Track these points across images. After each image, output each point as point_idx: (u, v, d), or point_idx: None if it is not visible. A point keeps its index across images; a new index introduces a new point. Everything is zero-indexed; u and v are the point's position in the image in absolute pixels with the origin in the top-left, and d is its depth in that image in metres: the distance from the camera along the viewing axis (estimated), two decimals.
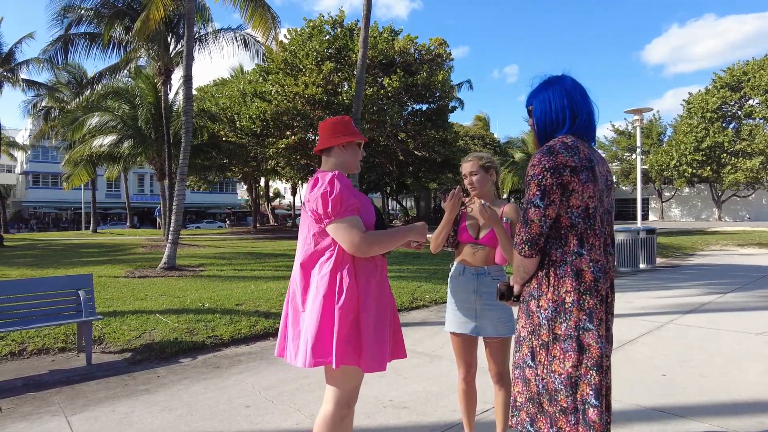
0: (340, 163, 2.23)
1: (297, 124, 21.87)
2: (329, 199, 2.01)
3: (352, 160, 2.26)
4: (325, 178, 2.08)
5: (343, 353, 1.99)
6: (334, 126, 2.24)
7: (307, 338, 2.02)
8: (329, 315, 2.00)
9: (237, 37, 17.10)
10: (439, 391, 3.71)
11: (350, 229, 2.01)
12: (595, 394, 1.72)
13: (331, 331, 1.99)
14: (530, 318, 1.85)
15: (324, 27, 21.40)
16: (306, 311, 2.09)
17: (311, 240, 2.11)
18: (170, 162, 18.35)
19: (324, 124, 2.25)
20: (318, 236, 2.10)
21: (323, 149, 2.25)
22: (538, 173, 1.77)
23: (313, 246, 2.11)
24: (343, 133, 2.22)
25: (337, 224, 2.02)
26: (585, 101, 1.92)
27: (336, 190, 2.02)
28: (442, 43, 24.08)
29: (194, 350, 4.89)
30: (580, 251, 1.78)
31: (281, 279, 8.81)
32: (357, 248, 2.00)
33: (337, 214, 2.01)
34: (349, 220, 2.02)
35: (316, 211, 2.05)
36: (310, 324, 2.02)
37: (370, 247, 2.02)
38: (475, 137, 44.72)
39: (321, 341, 1.99)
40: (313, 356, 1.98)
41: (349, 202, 2.04)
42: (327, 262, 2.06)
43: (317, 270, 2.08)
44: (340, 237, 2.02)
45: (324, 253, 2.09)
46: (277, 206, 60.91)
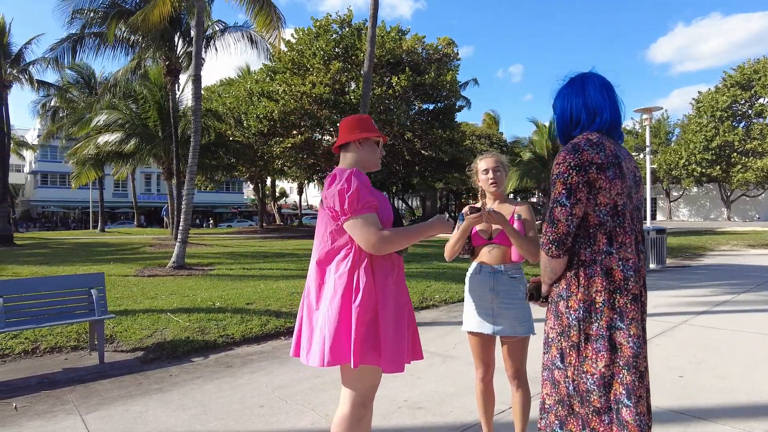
0: (357, 160, 2.21)
1: (304, 124, 21.88)
2: (346, 195, 1.99)
3: (370, 157, 2.24)
4: (342, 174, 2.06)
5: (362, 353, 1.97)
6: (352, 123, 2.23)
7: (324, 337, 1.99)
8: (348, 314, 1.98)
9: (244, 35, 17.13)
10: (453, 392, 3.68)
11: (367, 227, 1.99)
12: (628, 394, 1.68)
13: (350, 330, 1.96)
14: (559, 319, 1.82)
15: (331, 26, 21.39)
16: (321, 310, 2.07)
17: (328, 238, 2.09)
18: (178, 161, 18.41)
19: (343, 122, 2.24)
20: (335, 234, 2.08)
21: (341, 146, 2.24)
22: (563, 171, 1.74)
23: (329, 244, 2.08)
24: (360, 130, 2.21)
25: (354, 221, 1.99)
26: (608, 98, 1.88)
27: (353, 186, 2.00)
28: (450, 42, 23.98)
29: (206, 349, 4.88)
30: (609, 250, 1.74)
31: (290, 278, 8.80)
32: (374, 246, 1.98)
33: (354, 211, 1.99)
34: (366, 217, 2.00)
35: (333, 208, 2.03)
36: (328, 323, 1.99)
37: (387, 244, 1.99)
38: (481, 136, 44.58)
39: (339, 341, 1.96)
40: (331, 355, 1.96)
41: (366, 199, 2.02)
42: (344, 261, 2.04)
43: (334, 268, 2.06)
44: (357, 234, 2.00)
45: (340, 251, 2.07)
46: (283, 206, 61.02)
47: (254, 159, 26.20)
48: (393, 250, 2.04)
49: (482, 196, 2.73)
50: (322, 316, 2.05)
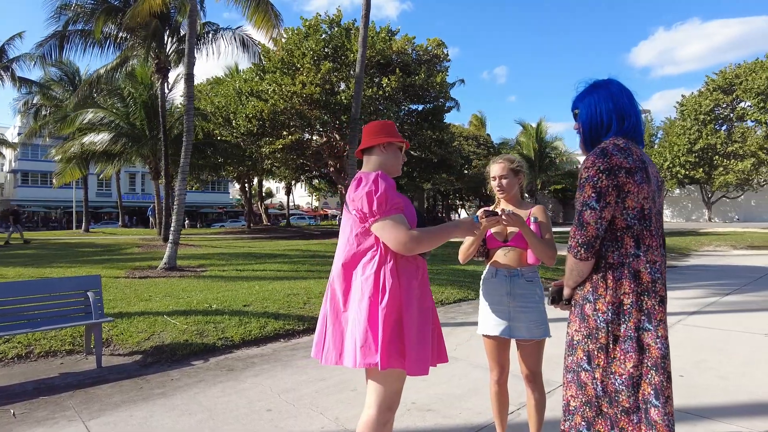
0: (381, 163, 2.23)
1: (294, 124, 21.74)
2: (374, 197, 2.00)
3: (393, 162, 2.26)
4: (369, 177, 2.07)
5: (388, 355, 1.97)
6: (377, 127, 2.26)
7: (355, 339, 2.00)
8: (375, 316, 1.99)
9: (236, 38, 16.97)
10: (461, 393, 3.69)
11: (397, 227, 2.00)
12: (656, 394, 1.70)
13: (377, 332, 1.97)
14: (585, 321, 1.83)
15: (321, 26, 21.31)
16: (349, 311, 2.08)
17: (354, 240, 2.10)
18: (167, 161, 18.17)
19: (368, 126, 2.28)
20: (360, 237, 2.09)
21: (364, 150, 2.26)
22: (593, 175, 1.75)
23: (355, 246, 2.09)
24: (386, 134, 2.24)
25: (383, 222, 2.01)
26: (632, 104, 1.91)
27: (381, 188, 2.02)
28: (440, 44, 24.01)
29: (205, 352, 4.82)
30: (636, 253, 1.76)
31: (285, 280, 8.74)
32: (404, 246, 1.99)
33: (383, 212, 2.00)
34: (394, 218, 2.02)
35: (361, 210, 2.04)
36: (357, 325, 2.01)
37: (417, 244, 2.00)
38: (469, 137, 44.81)
39: (368, 343, 1.97)
40: (362, 357, 1.97)
41: (394, 200, 2.03)
42: (370, 263, 2.05)
43: (360, 271, 2.07)
44: (387, 235, 2.01)
45: (366, 253, 2.08)
46: (270, 206, 60.64)
47: (242, 159, 26.00)
48: (423, 250, 2.05)
49: (498, 199, 2.73)
50: (351, 318, 2.06)
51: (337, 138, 22.52)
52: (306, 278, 8.86)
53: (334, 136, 22.60)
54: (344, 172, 22.77)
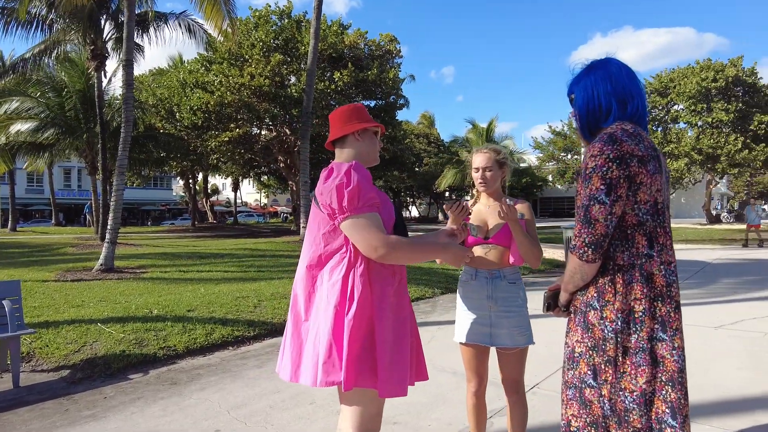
0: (357, 154, 1.93)
1: (241, 117, 20.97)
2: (345, 191, 1.71)
3: (370, 150, 1.97)
4: (340, 168, 1.78)
5: (356, 373, 1.69)
6: (348, 113, 1.96)
7: (318, 353, 1.72)
8: (341, 328, 1.70)
9: (181, 23, 16.02)
10: (428, 402, 3.44)
11: (369, 228, 1.72)
12: (672, 413, 1.49)
13: (342, 347, 1.69)
14: (590, 331, 1.59)
15: (271, 17, 20.62)
16: (310, 321, 1.80)
17: (320, 240, 1.81)
18: (104, 154, 17.00)
19: (334, 114, 1.98)
20: (328, 236, 1.79)
21: (336, 140, 1.96)
22: (601, 164, 1.51)
23: (322, 247, 1.80)
24: (358, 119, 1.94)
25: (354, 221, 1.72)
26: (634, 84, 1.69)
27: (353, 181, 1.72)
28: (392, 39, 23.84)
29: (145, 364, 4.34)
30: (649, 253, 1.54)
31: (233, 281, 8.24)
32: (375, 251, 1.71)
33: (355, 209, 1.72)
34: (368, 216, 1.73)
35: (330, 205, 1.74)
36: (321, 338, 1.72)
37: (391, 252, 1.72)
38: (420, 135, 45.03)
39: (332, 358, 1.69)
40: (324, 374, 1.68)
41: (369, 196, 1.74)
42: (338, 267, 1.77)
43: (327, 276, 1.78)
44: (357, 236, 1.72)
45: (334, 255, 1.79)
46: (216, 203, 58.70)
47: (187, 153, 24.85)
48: (397, 261, 1.79)
49: (478, 193, 2.48)
50: (313, 329, 1.77)
51: (288, 132, 21.91)
52: (256, 279, 8.39)
53: (285, 130, 21.98)
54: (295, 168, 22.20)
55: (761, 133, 31.96)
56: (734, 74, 32.97)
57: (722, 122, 32.78)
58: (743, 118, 32.70)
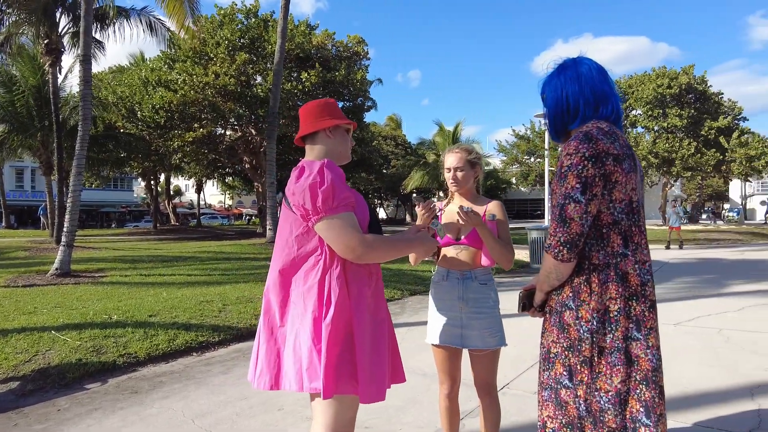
0: (329, 151, 1.87)
1: (206, 116, 20.50)
2: (319, 190, 1.65)
3: (342, 148, 1.92)
4: (312, 166, 1.72)
5: (336, 380, 1.64)
6: (319, 108, 1.89)
7: (301, 358, 1.67)
8: (320, 333, 1.65)
9: (142, 20, 15.51)
10: (400, 405, 3.40)
11: (345, 228, 1.66)
12: (647, 412, 1.49)
13: (322, 353, 1.64)
14: (566, 332, 1.58)
15: (237, 16, 20.25)
16: (287, 327, 1.74)
17: (293, 243, 1.74)
18: (60, 154, 16.29)
19: (305, 109, 1.91)
20: (302, 238, 1.73)
21: (306, 136, 1.89)
22: (576, 163, 1.51)
23: (295, 250, 1.73)
24: (330, 115, 1.88)
25: (329, 222, 1.66)
26: (607, 85, 1.69)
27: (327, 180, 1.67)
28: (360, 41, 23.77)
29: (103, 372, 4.14)
30: (624, 252, 1.54)
31: (197, 285, 8.01)
32: (353, 252, 1.66)
33: (329, 209, 1.66)
34: (343, 216, 1.67)
35: (303, 205, 1.68)
36: (301, 344, 1.67)
37: (368, 251, 1.68)
38: (387, 137, 45.13)
39: (314, 364, 1.64)
40: (309, 380, 1.63)
41: (343, 195, 1.69)
42: (313, 271, 1.71)
43: (301, 280, 1.72)
44: (332, 237, 1.66)
45: (308, 258, 1.72)
46: (179, 204, 57.25)
47: (148, 153, 24.13)
48: (376, 260, 1.75)
49: (452, 193, 2.46)
50: (291, 334, 1.71)
51: (253, 133, 21.56)
52: (220, 283, 8.18)
53: (250, 130, 21.62)
54: (261, 169, 21.87)
55: (711, 139, 33.44)
56: (687, 82, 34.41)
57: (676, 127, 34.13)
58: (695, 124, 34.14)
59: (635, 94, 40.60)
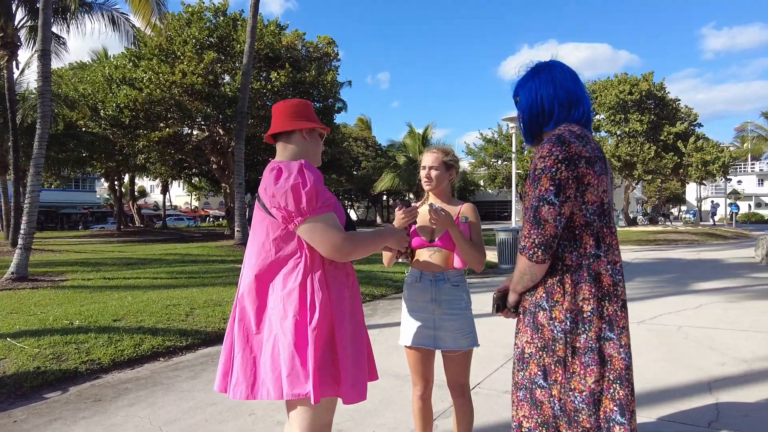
0: (303, 153, 1.84)
1: (172, 116, 20.04)
2: (303, 191, 1.63)
3: (315, 152, 1.91)
4: (291, 167, 1.68)
5: (321, 383, 1.62)
6: (296, 108, 1.87)
7: (280, 366, 1.63)
8: (303, 338, 1.62)
9: (104, 15, 15.03)
10: (372, 408, 3.38)
11: (330, 229, 1.67)
12: (621, 410, 1.53)
13: (307, 357, 1.61)
14: (539, 332, 1.61)
15: (205, 14, 19.89)
16: (263, 333, 1.69)
17: (271, 246, 1.70)
18: (16, 152, 15.62)
19: (282, 106, 1.89)
20: (280, 241, 1.69)
21: (279, 134, 1.86)
22: (550, 165, 1.54)
23: (273, 254, 1.70)
24: (307, 118, 1.86)
25: (314, 223, 1.65)
26: (579, 88, 1.73)
27: (309, 180, 1.65)
28: (330, 42, 23.70)
29: (64, 380, 3.98)
30: (597, 253, 1.58)
31: (163, 288, 7.80)
32: (340, 251, 1.66)
33: (314, 210, 1.65)
34: (327, 217, 1.68)
35: (285, 207, 1.64)
36: (282, 350, 1.63)
37: (352, 249, 1.69)
38: (358, 139, 45.11)
39: (297, 370, 1.61)
40: (290, 386, 1.60)
41: (326, 195, 1.69)
42: (293, 274, 1.67)
43: (280, 284, 1.68)
44: (318, 238, 1.65)
45: (287, 262, 1.69)
46: (144, 206, 55.75)
47: (112, 153, 23.42)
48: (359, 256, 1.74)
49: (427, 193, 2.47)
50: (268, 341, 1.67)
51: (221, 133, 21.20)
52: (187, 286, 7.99)
53: (218, 130, 21.25)
54: (229, 170, 21.53)
55: (669, 143, 34.71)
56: (647, 88, 35.61)
57: (637, 132, 35.26)
58: (655, 129, 35.35)
59: (599, 99, 41.76)
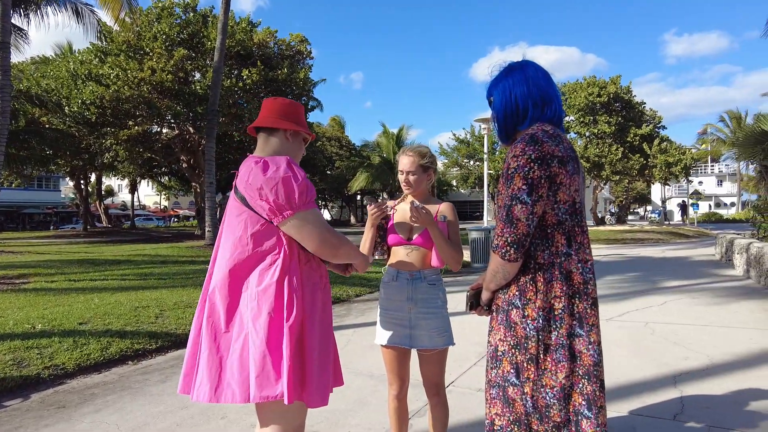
0: (283, 152, 1.80)
1: (141, 114, 19.56)
2: (295, 184, 1.61)
3: (296, 155, 1.88)
4: (278, 161, 1.66)
5: (295, 384, 1.59)
6: (288, 108, 1.86)
7: (249, 366, 1.58)
8: (278, 337, 1.58)
9: (67, 6, 14.52)
10: (347, 409, 3.37)
11: (321, 223, 1.69)
12: (588, 405, 1.56)
13: (281, 357, 1.57)
14: (512, 330, 1.62)
15: (175, 10, 19.47)
16: (232, 332, 1.64)
17: (249, 241, 1.66)
18: None
19: (272, 102, 1.87)
20: (259, 236, 1.65)
21: (265, 129, 1.82)
22: (523, 164, 1.55)
23: (250, 248, 1.66)
24: (295, 121, 1.84)
25: (305, 216, 1.64)
26: (551, 87, 1.75)
27: (299, 174, 1.64)
28: (303, 40, 23.50)
29: (25, 387, 3.83)
30: (568, 251, 1.60)
31: (132, 290, 7.61)
32: (329, 247, 1.70)
33: (305, 204, 1.63)
34: (316, 212, 1.70)
35: (275, 200, 1.60)
36: (253, 348, 1.58)
37: (338, 247, 1.72)
38: (332, 138, 44.92)
39: (267, 371, 1.56)
40: (258, 389, 1.55)
41: (314, 190, 1.70)
42: (269, 270, 1.63)
43: (255, 280, 1.63)
44: (308, 232, 1.64)
45: (265, 257, 1.65)
46: (111, 206, 54.28)
47: (77, 151, 22.71)
48: (342, 256, 1.78)
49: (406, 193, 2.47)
50: (237, 339, 1.62)
51: (192, 131, 20.81)
52: (157, 288, 7.81)
53: (188, 128, 20.85)
54: (199, 168, 21.17)
55: (636, 145, 35.68)
56: (614, 91, 36.50)
57: (605, 134, 36.11)
58: (622, 131, 36.27)
59: (568, 101, 42.61)
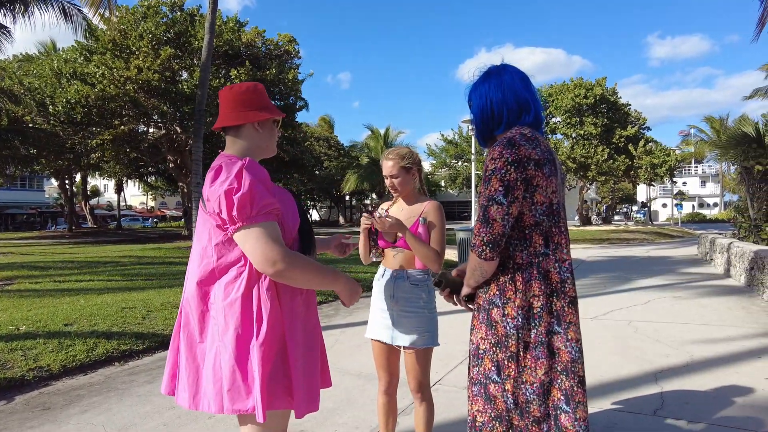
0: (254, 146, 1.70)
1: (127, 113, 19.39)
2: (234, 198, 1.49)
3: (269, 143, 1.76)
4: (230, 168, 1.54)
5: (270, 398, 1.54)
6: (245, 96, 1.68)
7: (221, 378, 1.55)
8: (245, 353, 1.54)
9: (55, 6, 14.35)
10: (334, 407, 3.41)
11: (264, 239, 1.50)
12: (566, 399, 1.61)
13: (248, 373, 1.53)
14: (493, 328, 1.68)
15: (161, 8, 19.33)
16: (206, 343, 1.61)
17: (212, 252, 1.58)
18: None
19: (229, 93, 1.70)
20: (222, 247, 1.58)
21: (229, 127, 1.69)
22: (500, 167, 1.60)
23: (214, 260, 1.58)
24: (259, 107, 1.69)
25: (246, 232, 1.51)
26: (529, 92, 1.80)
27: (245, 185, 1.50)
28: (291, 40, 23.44)
29: (9, 389, 3.81)
30: (545, 251, 1.66)
31: (118, 291, 7.57)
32: (273, 265, 1.49)
33: (247, 218, 1.50)
34: (264, 226, 1.51)
35: (219, 213, 1.53)
36: (223, 363, 1.55)
37: (290, 269, 1.52)
38: (320, 138, 44.85)
39: (238, 385, 1.53)
40: (231, 402, 1.53)
41: (264, 202, 1.52)
42: (235, 283, 1.56)
43: (221, 293, 1.57)
44: (249, 249, 1.51)
45: (229, 270, 1.57)
46: (97, 206, 53.64)
47: (62, 151, 22.43)
48: (293, 281, 1.57)
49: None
50: (210, 351, 1.59)
51: (179, 131, 20.66)
52: (144, 288, 7.78)
53: (175, 128, 20.71)
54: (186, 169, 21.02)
55: (621, 146, 36.12)
56: (600, 93, 36.91)
57: (592, 135, 36.50)
58: (607, 132, 36.70)
59: (555, 102, 42.99)
